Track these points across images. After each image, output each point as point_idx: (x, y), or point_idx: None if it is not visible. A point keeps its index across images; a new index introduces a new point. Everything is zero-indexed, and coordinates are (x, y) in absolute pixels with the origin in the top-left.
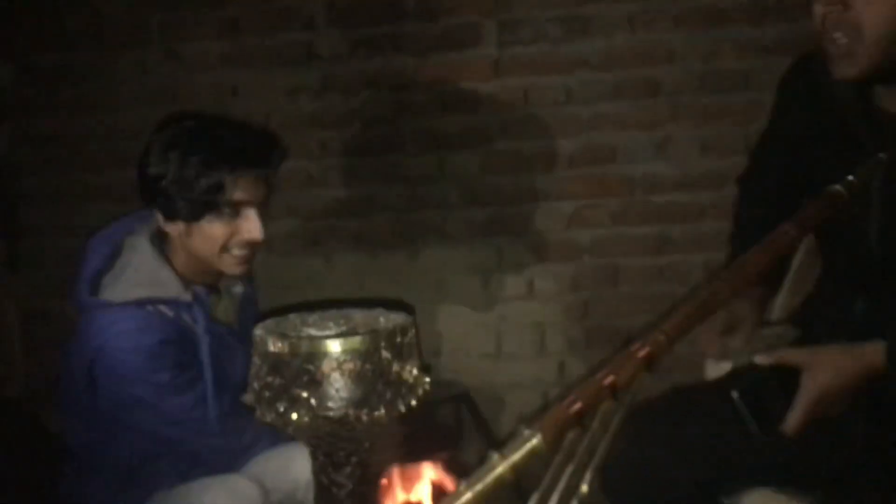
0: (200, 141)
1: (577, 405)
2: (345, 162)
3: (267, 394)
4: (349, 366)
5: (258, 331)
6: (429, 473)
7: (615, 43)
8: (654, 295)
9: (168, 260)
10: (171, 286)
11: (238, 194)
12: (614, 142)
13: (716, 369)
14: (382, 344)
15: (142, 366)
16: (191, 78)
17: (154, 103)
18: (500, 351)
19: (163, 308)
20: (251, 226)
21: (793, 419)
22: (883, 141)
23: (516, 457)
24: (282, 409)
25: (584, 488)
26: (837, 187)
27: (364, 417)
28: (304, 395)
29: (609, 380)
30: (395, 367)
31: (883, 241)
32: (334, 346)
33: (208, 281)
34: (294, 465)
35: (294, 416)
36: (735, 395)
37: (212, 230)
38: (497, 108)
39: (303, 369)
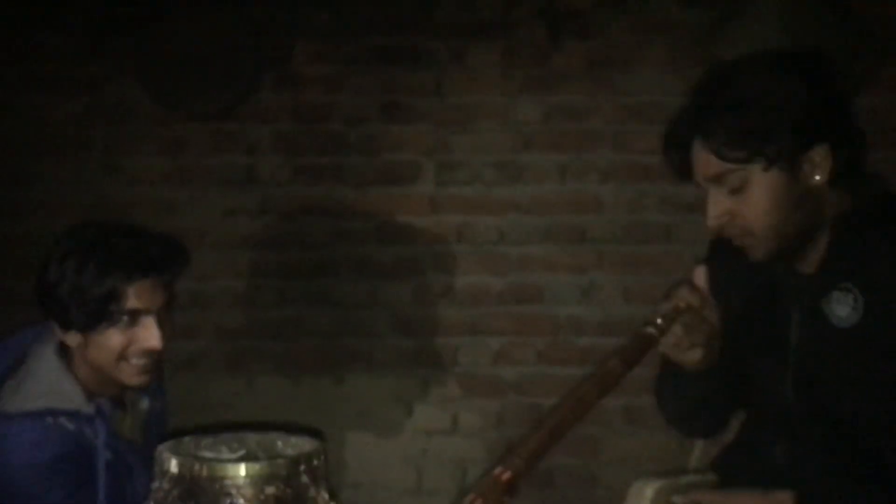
0: (96, 248)
1: None
2: (276, 283)
3: None
4: (271, 490)
5: (165, 453)
6: None
7: (546, 190)
8: (575, 436)
9: (71, 371)
10: (73, 398)
11: (134, 302)
12: (541, 283)
13: None
14: (302, 468)
15: (35, 482)
16: (129, 192)
17: (89, 214)
18: (421, 486)
19: (63, 421)
20: (148, 334)
21: None
22: (798, 297)
23: None
24: None
25: None
26: (650, 329)
27: None
28: None
29: (477, 503)
30: (312, 492)
31: (798, 392)
32: (256, 470)
33: (112, 393)
34: None
35: None
36: None
37: (108, 340)
38: (431, 243)
39: (223, 493)
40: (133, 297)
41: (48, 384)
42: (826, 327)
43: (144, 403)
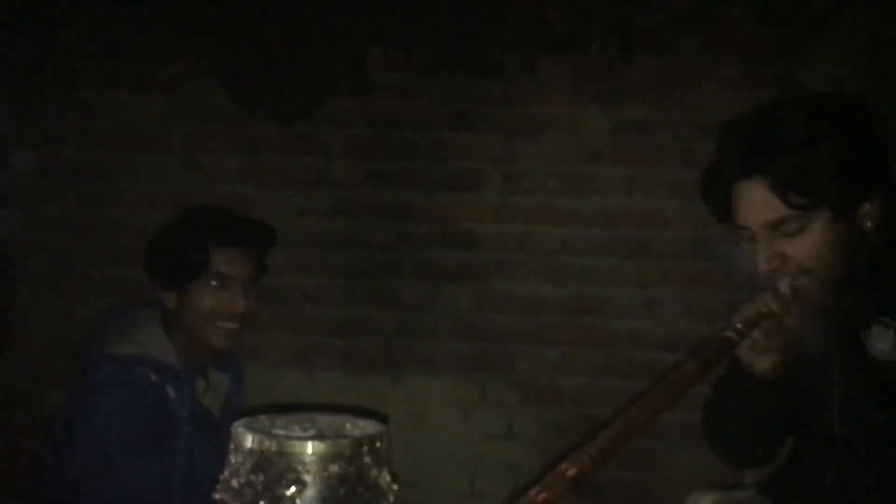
0: (198, 219)
1: None
2: (342, 283)
3: (248, 491)
4: (334, 468)
5: (240, 428)
6: None
7: (611, 202)
8: (630, 451)
9: (168, 334)
10: (164, 351)
11: (223, 267)
12: (603, 295)
13: None
14: (365, 448)
15: (117, 423)
16: (206, 188)
17: (166, 208)
18: (474, 489)
19: (150, 373)
20: (234, 298)
21: None
22: (839, 330)
23: None
24: None
25: None
26: (729, 333)
27: None
28: (289, 494)
29: (541, 497)
30: (374, 472)
31: (844, 422)
32: (322, 448)
33: (200, 359)
34: None
35: None
36: None
37: (199, 300)
38: (494, 250)
39: (290, 468)
40: (222, 263)
41: (143, 335)
42: (867, 360)
43: (225, 381)
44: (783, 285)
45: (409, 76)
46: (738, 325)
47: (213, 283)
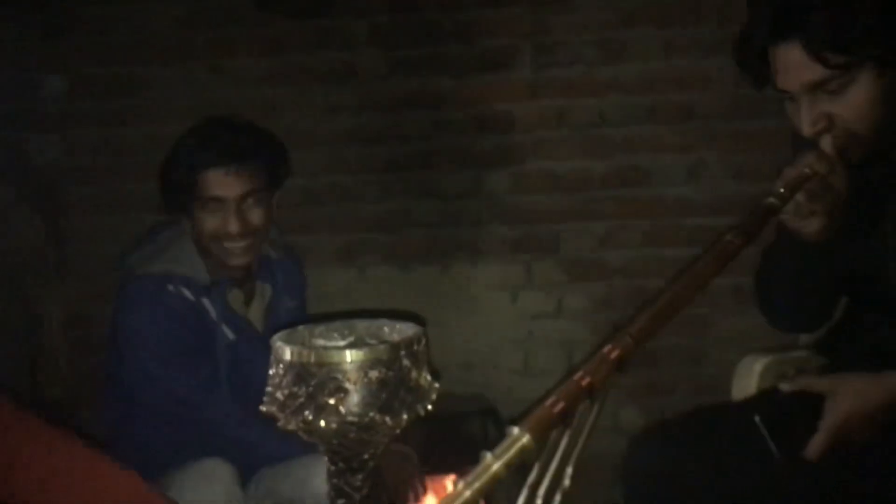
0: (189, 141)
1: (560, 405)
2: (381, 178)
3: (292, 403)
4: (374, 373)
5: (279, 343)
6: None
7: (650, 67)
8: (682, 317)
9: (199, 251)
10: (193, 267)
11: (212, 189)
12: (646, 164)
13: (741, 390)
14: (402, 352)
15: (153, 339)
16: (233, 93)
17: (197, 116)
18: (528, 367)
19: (183, 289)
20: (227, 219)
21: (815, 445)
22: (891, 190)
23: (508, 455)
24: (310, 417)
25: (567, 482)
26: (771, 199)
27: (388, 421)
28: (332, 402)
29: (585, 381)
30: (414, 374)
31: None
32: (360, 356)
33: (231, 273)
34: (313, 479)
35: (322, 423)
36: (757, 418)
37: (200, 223)
38: (531, 129)
39: (330, 378)
40: (210, 185)
41: (174, 253)
42: None
43: (268, 292)
44: (826, 144)
45: None
46: (781, 190)
47: (207, 205)
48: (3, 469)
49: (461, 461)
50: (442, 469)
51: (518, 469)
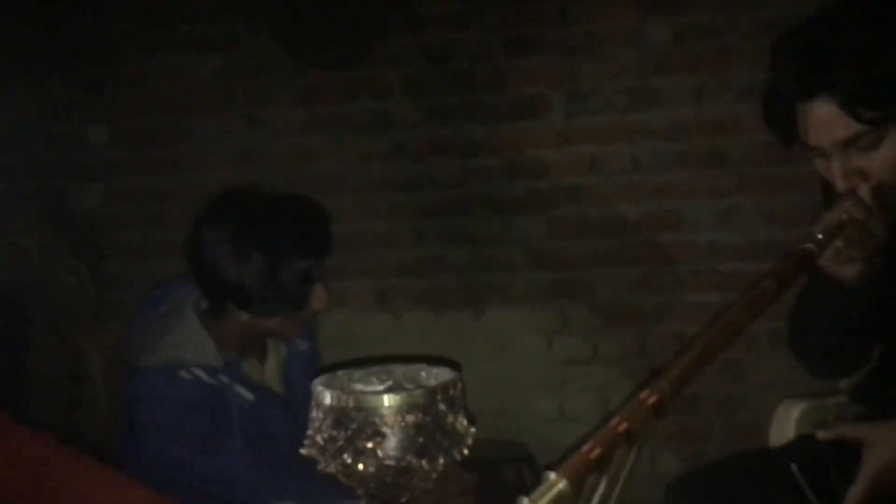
0: (282, 237)
1: (597, 451)
2: (414, 223)
3: (332, 446)
4: (411, 418)
5: (319, 387)
6: None
7: (681, 113)
8: (718, 362)
9: (207, 328)
10: (208, 354)
11: (315, 304)
12: (679, 209)
13: (779, 436)
14: (439, 397)
15: (174, 428)
16: (270, 142)
17: (236, 165)
18: (563, 413)
19: (198, 372)
20: (320, 298)
21: (853, 495)
22: None
23: (545, 501)
24: (349, 461)
25: None
26: (809, 246)
27: (425, 465)
28: (370, 446)
29: (623, 426)
30: (450, 418)
31: None
32: (397, 400)
33: (251, 348)
34: None
35: (360, 466)
36: (794, 467)
37: (284, 321)
38: (563, 175)
39: (368, 422)
40: (316, 299)
41: (179, 338)
42: None
43: (284, 349)
44: (864, 191)
45: (460, 6)
46: (819, 236)
47: (305, 308)
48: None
49: None
50: None
51: None
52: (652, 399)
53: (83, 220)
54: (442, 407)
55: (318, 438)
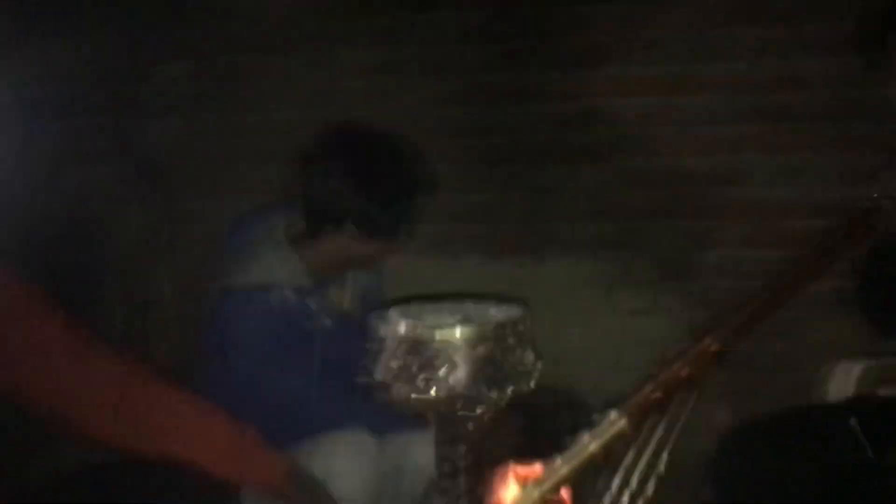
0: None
1: (658, 393)
2: (479, 169)
3: (404, 374)
4: (481, 350)
5: (394, 316)
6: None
7: (754, 66)
8: (781, 320)
9: (297, 252)
10: (297, 276)
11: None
12: (747, 164)
13: (837, 393)
14: (508, 331)
15: (260, 346)
16: (346, 83)
17: (312, 105)
18: (619, 364)
19: (288, 293)
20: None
21: None
22: None
23: (605, 438)
24: (421, 387)
25: (662, 468)
26: (885, 199)
27: (493, 395)
28: (441, 375)
29: (685, 372)
30: (518, 353)
31: None
32: (469, 332)
33: (337, 273)
34: (416, 452)
35: (433, 392)
36: (853, 421)
37: (379, 248)
38: (630, 125)
39: (440, 352)
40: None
41: (275, 262)
42: None
43: (361, 279)
44: None
45: None
46: (876, 195)
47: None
48: (123, 416)
49: (549, 452)
50: (530, 457)
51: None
52: (714, 346)
53: (160, 154)
54: (511, 341)
55: (392, 365)
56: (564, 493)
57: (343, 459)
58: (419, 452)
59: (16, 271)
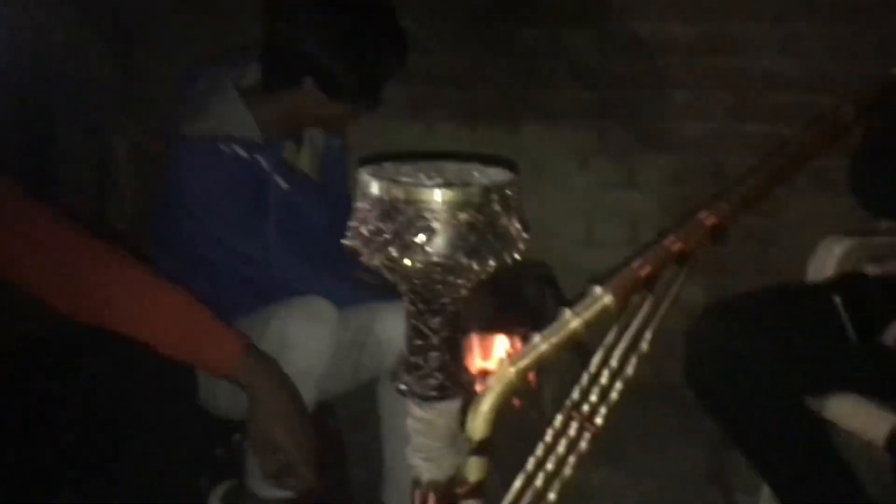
0: (380, 24)
1: (646, 269)
2: (453, 28)
3: (377, 239)
4: (463, 216)
5: (366, 175)
6: (504, 345)
7: None
8: None
9: (252, 106)
10: (248, 128)
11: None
12: (736, 32)
13: (818, 271)
14: (494, 197)
15: (213, 201)
16: None
17: None
18: (590, 238)
19: (237, 148)
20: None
21: (894, 330)
22: None
23: (589, 314)
24: (394, 254)
25: (645, 346)
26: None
27: (475, 266)
28: (418, 241)
29: (677, 246)
30: (503, 221)
31: None
32: (450, 196)
33: (291, 131)
34: (379, 324)
35: (407, 261)
36: (837, 299)
37: (345, 110)
38: None
39: (418, 216)
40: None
41: (221, 111)
42: None
43: (319, 139)
44: None
45: None
46: None
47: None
48: (72, 288)
49: (514, 324)
50: (496, 329)
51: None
52: (710, 220)
53: (117, 9)
54: (496, 207)
55: (363, 230)
56: (530, 374)
57: (299, 326)
58: (386, 324)
59: None
